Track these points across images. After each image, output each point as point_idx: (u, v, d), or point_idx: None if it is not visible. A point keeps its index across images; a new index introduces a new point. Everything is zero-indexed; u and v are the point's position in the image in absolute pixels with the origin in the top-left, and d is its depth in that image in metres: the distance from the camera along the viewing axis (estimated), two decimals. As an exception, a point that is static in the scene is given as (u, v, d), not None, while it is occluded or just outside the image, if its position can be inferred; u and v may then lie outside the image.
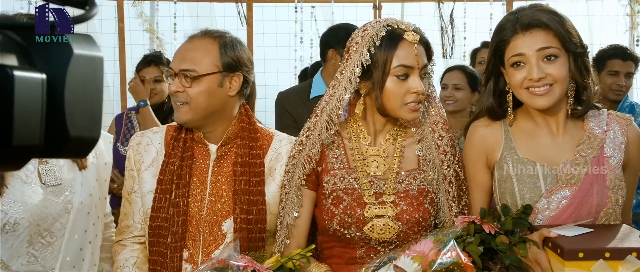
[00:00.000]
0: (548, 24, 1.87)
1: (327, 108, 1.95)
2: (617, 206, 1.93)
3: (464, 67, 3.84)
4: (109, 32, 5.61)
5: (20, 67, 0.68)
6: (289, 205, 1.97)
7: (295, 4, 5.58)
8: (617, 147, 1.96)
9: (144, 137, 2.15)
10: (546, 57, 1.87)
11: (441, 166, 1.94)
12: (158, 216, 2.02)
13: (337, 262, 1.97)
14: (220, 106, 2.04)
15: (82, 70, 0.74)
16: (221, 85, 2.01)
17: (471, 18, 5.60)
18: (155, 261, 2.02)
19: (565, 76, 1.88)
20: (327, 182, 1.96)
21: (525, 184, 1.93)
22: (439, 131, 1.96)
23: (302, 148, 1.98)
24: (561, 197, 1.91)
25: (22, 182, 1.96)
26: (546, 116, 1.98)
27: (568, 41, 1.87)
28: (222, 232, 2.01)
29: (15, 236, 1.93)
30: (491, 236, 1.74)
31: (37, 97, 0.69)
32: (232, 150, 2.08)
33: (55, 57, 0.73)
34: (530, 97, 1.90)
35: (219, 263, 1.72)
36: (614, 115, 2.01)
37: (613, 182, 1.92)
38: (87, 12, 0.80)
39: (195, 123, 2.04)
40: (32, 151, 0.70)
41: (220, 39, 2.03)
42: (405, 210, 1.91)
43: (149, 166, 2.09)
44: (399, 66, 1.86)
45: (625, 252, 1.62)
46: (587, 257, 1.63)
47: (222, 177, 2.06)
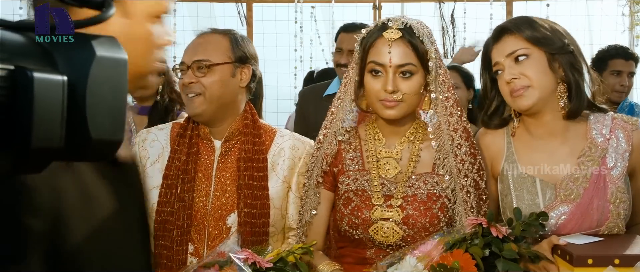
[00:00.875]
0: (512, 29, 1.91)
1: (341, 105, 1.99)
2: (619, 220, 1.88)
3: (458, 67, 3.89)
4: (109, 32, 5.61)
5: (40, 68, 0.67)
6: (308, 203, 1.99)
7: (295, 4, 5.59)
8: (621, 156, 1.91)
9: (149, 133, 2.21)
10: (516, 59, 1.89)
11: (459, 175, 1.89)
12: (164, 210, 2.05)
13: (349, 261, 1.98)
14: (231, 97, 2.10)
15: (105, 72, 0.73)
16: (233, 76, 2.08)
17: (471, 18, 5.61)
18: (161, 255, 2.05)
19: (541, 76, 1.87)
20: (342, 183, 1.97)
21: (524, 200, 1.91)
22: (457, 139, 1.92)
23: (319, 146, 2.01)
24: (560, 213, 1.88)
25: None
26: (542, 125, 1.95)
27: (539, 40, 1.88)
28: (226, 226, 2.04)
29: None
30: (499, 240, 1.70)
31: (57, 98, 0.68)
32: (236, 146, 2.12)
33: (77, 58, 0.73)
34: (513, 100, 1.90)
35: (219, 255, 1.74)
36: (620, 120, 1.96)
37: (614, 195, 1.88)
38: (103, 13, 0.80)
39: (208, 116, 2.09)
40: (52, 153, 0.69)
41: (230, 35, 2.12)
42: (412, 214, 1.89)
43: (155, 161, 2.14)
44: (371, 62, 1.88)
45: (634, 259, 1.62)
46: (596, 264, 1.62)
47: (226, 172, 2.10)
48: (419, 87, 1.89)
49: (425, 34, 1.89)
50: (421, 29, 1.89)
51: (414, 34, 1.87)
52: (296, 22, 5.60)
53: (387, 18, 1.93)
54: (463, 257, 1.64)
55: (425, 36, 1.88)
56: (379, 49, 1.87)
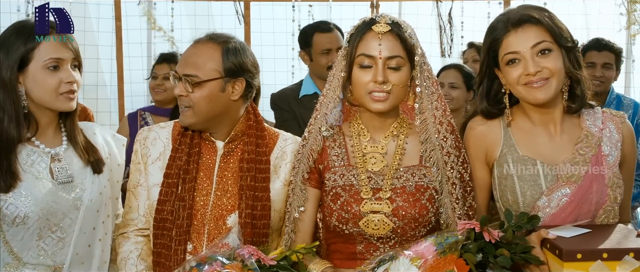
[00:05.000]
0: (539, 18, 1.91)
1: (325, 101, 2.02)
2: (616, 203, 1.96)
3: (460, 66, 3.86)
4: (107, 31, 5.59)
5: None
6: (296, 200, 2.02)
7: (293, 2, 5.58)
8: (614, 145, 1.99)
9: (151, 131, 2.20)
10: (540, 52, 1.90)
11: (444, 168, 1.94)
12: (164, 209, 2.06)
13: (339, 257, 2.01)
14: (223, 110, 2.08)
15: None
16: (223, 91, 2.05)
17: (468, 17, 5.60)
18: (160, 254, 2.06)
19: (561, 69, 1.92)
20: (328, 179, 2.00)
21: (527, 182, 1.95)
22: (443, 132, 1.96)
23: (305, 143, 2.04)
24: (562, 195, 1.93)
25: (35, 178, 2.01)
26: (543, 114, 2.00)
27: (559, 35, 1.92)
28: (227, 227, 2.04)
29: (26, 228, 1.98)
30: (491, 245, 1.71)
31: None
32: (239, 147, 2.12)
33: None
34: (529, 91, 1.92)
35: (223, 246, 1.76)
36: (609, 114, 2.04)
37: (611, 180, 1.95)
38: None
39: (199, 126, 2.09)
40: None
41: (224, 45, 2.07)
42: (402, 206, 1.92)
43: (156, 159, 2.14)
44: (360, 55, 1.92)
45: (622, 253, 1.65)
46: (586, 258, 1.65)
47: (228, 173, 2.10)
48: (406, 80, 1.95)
49: (411, 31, 1.96)
50: (406, 25, 1.96)
51: (401, 28, 1.94)
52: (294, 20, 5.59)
53: (373, 15, 1.98)
54: (457, 263, 1.65)
55: (411, 32, 1.95)
56: (369, 42, 1.92)
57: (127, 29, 5.65)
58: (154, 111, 4.00)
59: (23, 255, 2.00)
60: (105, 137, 2.25)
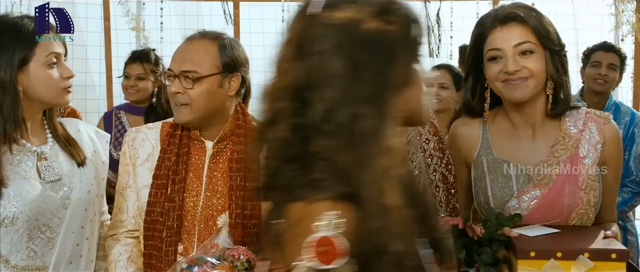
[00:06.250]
0: (525, 18, 1.91)
1: None
2: (590, 207, 1.93)
3: (450, 66, 3.85)
4: (95, 31, 5.57)
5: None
6: None
7: (282, 3, 5.57)
8: (593, 147, 1.96)
9: (139, 132, 2.18)
10: (522, 52, 1.90)
11: (427, 170, 1.94)
12: (154, 210, 2.05)
13: None
14: (219, 106, 2.07)
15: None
16: (221, 86, 2.04)
17: (458, 17, 5.61)
18: (150, 255, 2.05)
19: (541, 71, 1.91)
20: None
21: (497, 183, 1.95)
22: (425, 135, 1.95)
23: None
24: (532, 197, 1.92)
25: (22, 178, 1.98)
26: (523, 115, 1.99)
27: (545, 37, 1.91)
28: (217, 227, 2.03)
29: (15, 230, 1.95)
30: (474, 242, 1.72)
31: None
32: (228, 146, 2.11)
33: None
34: (506, 89, 1.92)
35: (213, 247, 1.75)
36: (592, 114, 2.01)
37: (585, 182, 1.93)
38: None
39: (196, 123, 2.08)
40: None
41: (219, 40, 2.06)
42: None
43: (145, 161, 2.12)
44: None
45: (576, 253, 1.63)
46: (539, 257, 1.64)
47: (218, 173, 2.09)
48: None
49: None
50: None
51: None
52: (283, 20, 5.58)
53: None
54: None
55: None
56: None
57: (116, 29, 5.62)
58: (129, 109, 3.87)
59: (12, 257, 1.97)
60: (89, 133, 2.23)
